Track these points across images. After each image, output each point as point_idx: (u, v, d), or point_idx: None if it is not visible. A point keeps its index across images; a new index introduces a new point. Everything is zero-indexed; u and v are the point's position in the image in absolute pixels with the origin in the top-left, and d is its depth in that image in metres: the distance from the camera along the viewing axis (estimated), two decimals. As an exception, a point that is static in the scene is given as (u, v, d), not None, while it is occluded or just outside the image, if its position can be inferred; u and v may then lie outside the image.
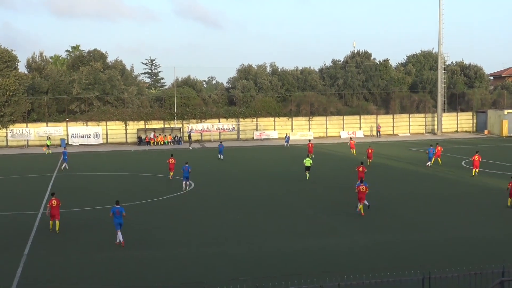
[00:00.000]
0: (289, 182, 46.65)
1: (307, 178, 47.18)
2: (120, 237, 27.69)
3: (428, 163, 53.98)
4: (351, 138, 77.68)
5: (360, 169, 42.19)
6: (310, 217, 33.59)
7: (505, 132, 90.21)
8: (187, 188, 43.61)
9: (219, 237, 29.21)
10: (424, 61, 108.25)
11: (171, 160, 48.91)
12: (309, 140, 67.30)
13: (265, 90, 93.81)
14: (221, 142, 69.26)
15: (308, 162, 47.82)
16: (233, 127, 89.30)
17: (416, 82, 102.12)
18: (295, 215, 34.08)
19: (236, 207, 36.63)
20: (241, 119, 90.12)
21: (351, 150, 63.94)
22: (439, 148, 56.10)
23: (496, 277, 18.32)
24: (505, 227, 30.47)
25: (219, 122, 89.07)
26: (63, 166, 56.47)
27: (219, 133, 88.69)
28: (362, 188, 34.04)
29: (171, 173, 48.76)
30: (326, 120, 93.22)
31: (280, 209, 35.99)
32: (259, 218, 33.44)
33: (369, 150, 56.15)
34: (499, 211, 34.24)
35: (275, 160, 62.34)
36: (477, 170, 46.99)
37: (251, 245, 27.63)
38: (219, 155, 62.91)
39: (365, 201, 34.07)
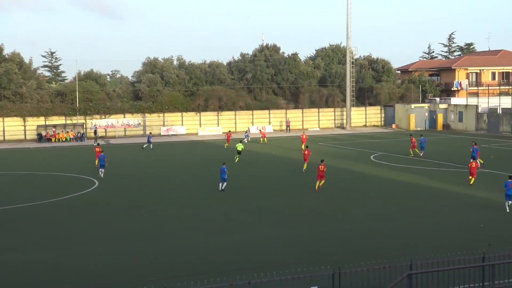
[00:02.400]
0: (201, 178, 46.67)
1: (236, 161, 53.98)
2: None
3: (421, 153, 56.33)
4: (303, 132, 77.32)
5: (306, 152, 48.73)
6: (222, 213, 33.73)
7: (412, 126, 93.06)
8: (102, 175, 46.70)
9: (126, 235, 28.94)
10: (333, 55, 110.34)
11: (97, 149, 52.74)
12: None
13: (172, 84, 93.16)
14: (150, 132, 76.75)
15: (239, 147, 55.48)
16: (139, 123, 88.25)
17: (325, 76, 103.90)
18: (206, 211, 34.15)
19: (145, 204, 36.35)
20: (147, 115, 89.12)
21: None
22: (413, 139, 58.31)
23: (405, 270, 18.98)
24: (412, 218, 31.59)
25: (124, 117, 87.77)
26: None
27: (124, 129, 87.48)
28: (321, 167, 39.78)
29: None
30: (235, 115, 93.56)
31: (191, 205, 35.98)
32: (168, 216, 33.30)
33: (304, 136, 63.81)
34: (407, 203, 35.47)
35: (187, 156, 62.10)
36: (481, 161, 47.99)
37: (159, 243, 27.51)
38: (148, 145, 69.30)
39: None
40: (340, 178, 45.73)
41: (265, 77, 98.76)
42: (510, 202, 33.20)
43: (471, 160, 42.30)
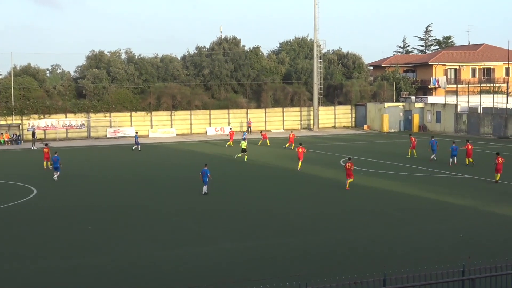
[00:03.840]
0: (154, 185, 46.42)
1: (245, 159, 58.75)
2: None
3: (432, 156, 57.06)
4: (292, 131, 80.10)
5: (300, 150, 52.40)
6: (175, 224, 33.62)
7: (385, 128, 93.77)
8: (56, 178, 48.30)
9: (65, 249, 28.68)
10: (299, 49, 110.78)
11: (45, 150, 55.18)
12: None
13: (120, 80, 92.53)
14: (136, 132, 77.82)
15: (243, 145, 59.81)
16: (83, 124, 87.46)
17: (290, 72, 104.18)
18: (159, 223, 34.01)
19: (91, 215, 36.01)
20: (92, 114, 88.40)
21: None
22: (413, 139, 61.32)
23: (378, 285, 19.11)
24: (384, 229, 31.87)
25: (66, 117, 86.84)
26: None
27: (66, 130, 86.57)
28: (348, 165, 43.13)
29: (46, 163, 54.45)
30: (191, 114, 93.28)
31: (141, 215, 35.74)
32: (115, 227, 33.07)
33: (291, 135, 70.77)
34: (377, 212, 35.77)
35: (138, 162, 61.68)
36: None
37: (103, 258, 27.28)
38: (137, 146, 70.43)
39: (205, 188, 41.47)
40: (307, 185, 45.88)
41: (224, 73, 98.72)
42: None
43: (496, 156, 45.38)
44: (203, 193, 41.31)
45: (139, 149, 69.83)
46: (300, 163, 52.11)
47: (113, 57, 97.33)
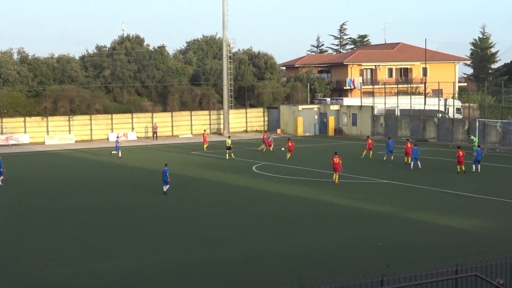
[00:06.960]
0: (51, 196, 45.66)
1: (227, 158, 64.70)
2: None
3: (389, 157, 59.49)
4: (267, 135, 79.26)
5: (289, 144, 62.93)
6: (77, 241, 33.14)
7: (300, 131, 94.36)
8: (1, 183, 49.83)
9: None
10: (207, 48, 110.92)
11: None
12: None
13: (12, 82, 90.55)
14: (118, 136, 79.96)
15: (228, 142, 66.39)
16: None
17: (198, 73, 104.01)
18: (54, 236, 33.61)
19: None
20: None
21: (269, 146, 73.08)
22: (370, 140, 65.43)
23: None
24: (300, 238, 32.25)
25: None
26: None
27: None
28: (336, 160, 47.61)
29: None
30: (91, 119, 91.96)
31: (35, 230, 35.14)
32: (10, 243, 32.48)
33: (265, 136, 76.22)
34: (294, 221, 36.16)
35: (33, 171, 60.53)
36: (462, 167, 52.38)
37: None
38: (117, 152, 69.20)
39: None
40: (218, 193, 45.99)
41: (127, 74, 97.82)
42: (476, 166, 51.03)
43: (458, 149, 52.07)
44: (163, 192, 44.60)
45: (120, 156, 68.21)
46: (289, 154, 62.22)
47: (4, 57, 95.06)
